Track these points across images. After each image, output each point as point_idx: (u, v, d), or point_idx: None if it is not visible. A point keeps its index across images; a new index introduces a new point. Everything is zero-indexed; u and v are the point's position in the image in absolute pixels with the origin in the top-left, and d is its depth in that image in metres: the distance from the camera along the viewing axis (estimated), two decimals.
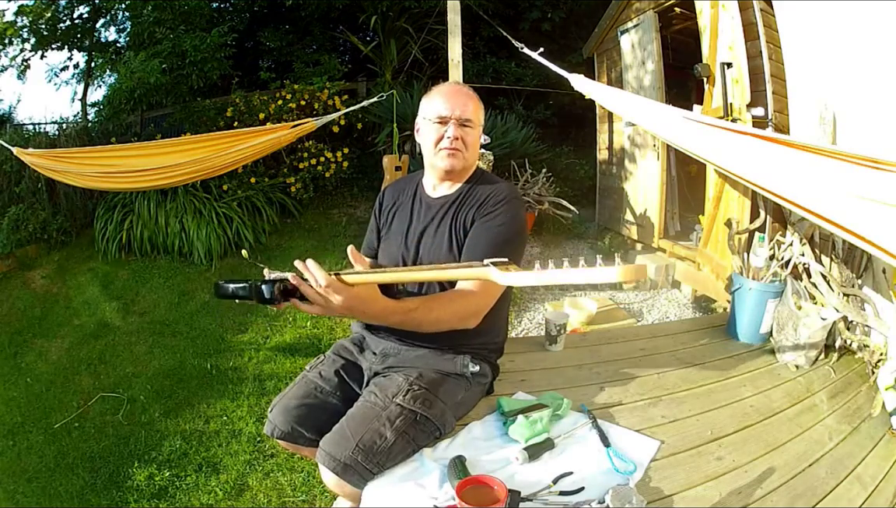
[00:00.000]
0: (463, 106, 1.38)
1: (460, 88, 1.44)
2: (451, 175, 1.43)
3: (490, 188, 1.41)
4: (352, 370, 1.43)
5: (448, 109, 1.37)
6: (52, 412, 2.62)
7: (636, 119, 2.77)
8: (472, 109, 1.39)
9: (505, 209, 1.36)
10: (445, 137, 1.37)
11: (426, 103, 1.43)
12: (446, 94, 1.40)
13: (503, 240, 1.32)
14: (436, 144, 1.39)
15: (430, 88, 1.48)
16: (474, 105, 1.40)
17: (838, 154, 1.45)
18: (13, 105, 6.65)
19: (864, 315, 1.98)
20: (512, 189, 1.44)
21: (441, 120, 1.37)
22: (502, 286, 1.28)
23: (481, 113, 1.45)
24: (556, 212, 4.24)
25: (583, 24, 5.89)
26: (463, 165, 1.41)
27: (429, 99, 1.43)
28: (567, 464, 1.23)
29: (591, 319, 3.06)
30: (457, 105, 1.38)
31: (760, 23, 2.57)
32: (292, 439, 1.34)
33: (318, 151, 4.85)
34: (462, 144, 1.38)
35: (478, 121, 1.42)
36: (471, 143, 1.40)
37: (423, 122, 1.43)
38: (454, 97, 1.39)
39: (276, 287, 1.09)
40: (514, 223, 1.36)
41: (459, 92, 1.42)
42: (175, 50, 4.44)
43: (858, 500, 1.27)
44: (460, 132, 1.38)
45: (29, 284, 4.10)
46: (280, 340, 3.19)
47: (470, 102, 1.40)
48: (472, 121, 1.39)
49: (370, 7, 5.47)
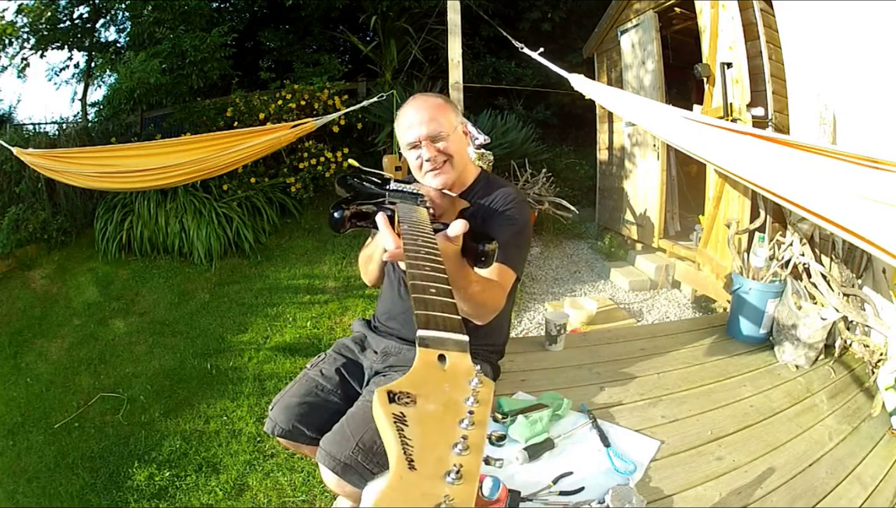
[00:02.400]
0: (428, 122, 1.31)
1: (420, 103, 1.35)
2: (450, 188, 1.38)
3: (499, 192, 1.38)
4: (353, 368, 1.43)
5: (414, 133, 1.32)
6: (52, 412, 2.62)
7: (636, 119, 2.76)
8: (439, 120, 1.32)
9: (514, 204, 1.35)
10: (423, 160, 1.32)
11: (397, 131, 1.38)
12: (408, 116, 1.34)
13: (517, 231, 1.32)
14: (419, 170, 1.35)
15: (424, 91, 1.43)
16: (441, 113, 1.33)
17: (838, 154, 1.45)
18: (13, 105, 6.65)
19: (864, 315, 1.98)
20: (518, 191, 1.42)
21: (413, 145, 1.33)
22: (512, 281, 1.30)
23: (453, 115, 1.37)
24: (556, 212, 4.24)
25: (583, 24, 5.89)
26: (455, 175, 1.36)
27: (398, 126, 1.38)
28: (567, 464, 1.23)
29: (591, 319, 3.06)
30: (421, 123, 1.31)
31: (760, 23, 2.57)
32: (293, 437, 1.33)
33: (318, 151, 4.85)
34: (444, 156, 1.33)
35: (451, 126, 1.34)
36: (454, 150, 1.34)
37: (403, 150, 1.39)
38: (416, 116, 1.32)
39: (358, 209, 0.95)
40: (522, 218, 1.35)
41: (420, 108, 1.34)
42: (175, 50, 4.44)
43: (858, 500, 1.27)
44: (434, 150, 1.32)
45: (29, 284, 4.10)
46: (280, 340, 3.19)
47: (434, 113, 1.32)
48: (444, 130, 1.32)
49: (370, 7, 5.47)
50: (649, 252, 4.04)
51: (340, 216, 0.95)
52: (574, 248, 4.57)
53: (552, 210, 4.22)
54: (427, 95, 1.40)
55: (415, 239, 0.85)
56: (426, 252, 0.81)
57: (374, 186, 1.15)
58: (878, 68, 1.94)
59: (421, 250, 0.81)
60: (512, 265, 1.28)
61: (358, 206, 0.98)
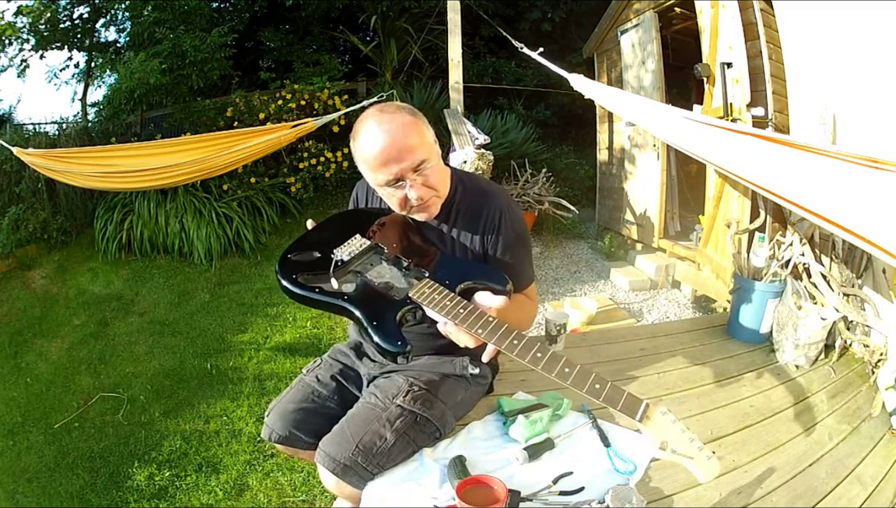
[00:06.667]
0: (409, 149, 1.09)
1: (391, 127, 1.09)
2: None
3: (485, 204, 1.25)
4: (349, 374, 1.42)
5: (395, 168, 1.09)
6: (52, 412, 2.62)
7: (636, 119, 2.77)
8: (418, 143, 1.11)
9: (510, 218, 1.25)
10: (409, 198, 1.14)
11: (364, 164, 1.14)
12: (379, 146, 1.09)
13: (523, 244, 1.31)
14: (403, 206, 1.18)
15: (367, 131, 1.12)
16: (416, 133, 1.11)
17: (838, 154, 1.45)
18: (13, 105, 6.65)
19: (864, 315, 1.98)
20: (499, 192, 1.30)
21: (395, 184, 1.13)
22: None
23: (426, 130, 1.15)
24: (556, 212, 4.24)
25: (583, 24, 5.89)
26: (440, 204, 1.22)
27: (364, 158, 1.13)
28: (567, 464, 1.23)
29: (591, 319, 3.06)
30: (401, 153, 1.09)
31: (760, 23, 2.57)
32: (290, 443, 1.33)
33: (318, 151, 4.85)
34: (432, 191, 1.17)
35: (430, 145, 1.14)
36: (438, 178, 1.17)
37: (375, 187, 1.19)
38: (392, 146, 1.08)
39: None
40: (521, 225, 1.30)
41: (393, 133, 1.08)
42: (175, 50, 4.44)
43: (858, 500, 1.27)
44: (423, 188, 1.13)
45: (29, 284, 4.10)
46: (280, 340, 3.19)
47: (411, 136, 1.10)
48: (427, 155, 1.12)
49: (370, 7, 5.47)
50: (649, 252, 4.04)
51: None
52: (574, 248, 4.57)
53: (552, 210, 4.22)
54: (390, 110, 1.13)
55: (474, 323, 0.98)
56: (487, 322, 0.99)
57: (323, 286, 1.10)
58: (878, 68, 1.94)
59: (488, 326, 0.98)
60: (532, 276, 1.34)
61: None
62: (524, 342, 0.96)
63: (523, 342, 0.96)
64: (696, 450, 0.86)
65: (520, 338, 0.96)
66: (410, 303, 1.05)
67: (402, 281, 1.11)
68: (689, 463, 0.86)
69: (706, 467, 0.86)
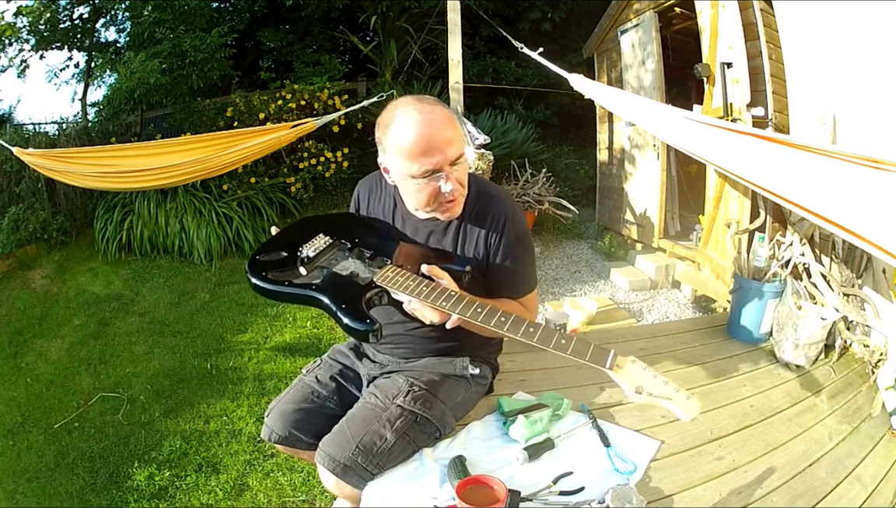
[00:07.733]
0: (449, 141, 1.08)
1: (433, 117, 1.08)
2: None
3: (491, 210, 1.24)
4: (349, 375, 1.42)
5: (437, 158, 1.08)
6: (52, 412, 2.62)
7: (636, 119, 2.77)
8: (456, 136, 1.11)
9: (513, 225, 1.25)
10: (443, 191, 1.12)
11: (400, 157, 1.10)
12: (424, 137, 1.07)
13: (526, 249, 1.30)
14: (431, 201, 1.15)
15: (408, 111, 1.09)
16: (454, 127, 1.12)
17: (838, 154, 1.45)
18: (13, 105, 6.65)
19: (864, 315, 1.98)
20: (504, 196, 1.30)
21: (431, 175, 1.10)
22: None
23: (459, 126, 1.18)
24: (556, 212, 4.25)
25: (583, 24, 5.89)
26: (463, 203, 1.21)
27: (403, 146, 1.09)
28: (567, 464, 1.23)
29: (591, 319, 3.06)
30: (443, 144, 1.08)
31: (760, 23, 2.57)
32: (290, 443, 1.33)
33: (318, 151, 4.85)
34: (461, 186, 1.16)
35: (463, 142, 1.16)
36: (465, 176, 1.18)
37: (402, 179, 1.14)
38: (436, 136, 1.07)
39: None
40: (523, 229, 1.29)
41: (437, 124, 1.08)
42: (175, 50, 4.44)
43: (858, 500, 1.27)
44: (457, 183, 1.13)
45: (29, 284, 4.10)
46: (280, 340, 3.18)
47: (451, 128, 1.10)
48: (462, 151, 1.12)
49: (370, 7, 5.47)
50: (649, 252, 4.04)
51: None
52: (574, 248, 4.57)
53: (552, 210, 4.22)
54: (429, 100, 1.13)
55: (449, 300, 1.02)
56: (470, 302, 1.01)
57: (293, 280, 1.16)
58: (878, 68, 1.94)
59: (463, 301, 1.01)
60: (533, 282, 1.34)
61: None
62: (487, 309, 1.00)
63: (486, 309, 1.00)
64: (674, 391, 0.87)
65: (482, 306, 1.00)
66: (376, 287, 1.10)
67: (366, 271, 1.18)
68: (668, 404, 0.86)
69: (686, 406, 0.86)
